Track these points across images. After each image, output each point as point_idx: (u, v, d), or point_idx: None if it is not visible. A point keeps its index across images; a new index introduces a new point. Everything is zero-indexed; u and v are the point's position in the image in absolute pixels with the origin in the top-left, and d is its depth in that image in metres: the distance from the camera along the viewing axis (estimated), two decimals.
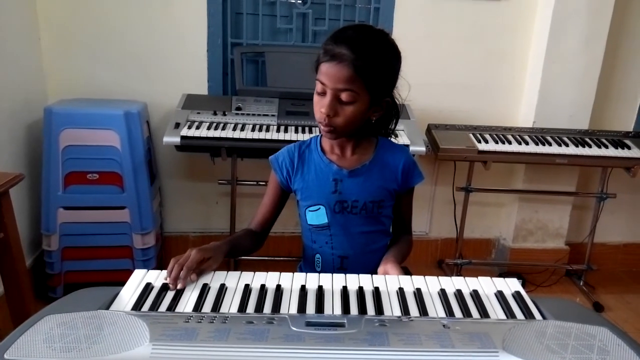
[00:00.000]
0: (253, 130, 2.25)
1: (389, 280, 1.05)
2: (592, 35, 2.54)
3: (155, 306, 0.93)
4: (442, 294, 1.00)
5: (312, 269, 1.39)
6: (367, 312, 0.93)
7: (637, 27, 2.69)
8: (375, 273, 1.20)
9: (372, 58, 1.15)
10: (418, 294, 1.00)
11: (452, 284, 1.04)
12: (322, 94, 1.18)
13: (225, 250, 1.20)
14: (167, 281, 1.01)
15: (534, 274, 2.79)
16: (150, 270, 1.06)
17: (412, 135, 2.31)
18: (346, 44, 1.13)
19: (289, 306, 0.95)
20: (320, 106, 1.19)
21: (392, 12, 2.58)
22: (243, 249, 1.32)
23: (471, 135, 2.47)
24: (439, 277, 1.06)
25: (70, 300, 0.92)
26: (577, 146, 2.42)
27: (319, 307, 0.94)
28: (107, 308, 0.90)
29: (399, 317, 0.90)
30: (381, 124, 1.35)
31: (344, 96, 1.16)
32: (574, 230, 2.92)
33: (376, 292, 1.00)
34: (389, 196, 1.33)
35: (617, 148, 2.44)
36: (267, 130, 2.26)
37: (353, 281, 1.04)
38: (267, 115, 2.36)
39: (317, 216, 1.32)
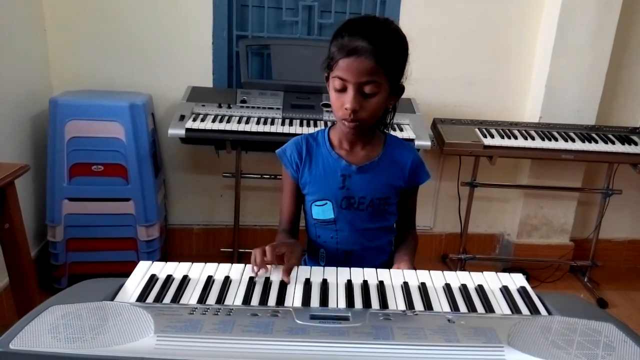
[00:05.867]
0: (258, 123, 2.24)
1: (393, 275, 1.05)
2: (600, 30, 2.52)
3: (160, 298, 0.93)
4: (447, 288, 1.00)
5: (317, 263, 1.39)
6: (371, 305, 0.93)
7: None
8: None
9: (389, 46, 1.14)
10: (423, 288, 1.00)
11: (457, 278, 1.04)
12: (342, 90, 1.16)
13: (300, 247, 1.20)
14: (254, 270, 1.04)
15: (538, 269, 2.78)
16: (155, 262, 1.06)
17: (418, 130, 2.30)
18: (362, 36, 1.12)
19: (294, 299, 0.95)
20: (341, 103, 1.17)
21: (399, 5, 2.57)
22: None
23: (477, 130, 2.45)
24: (444, 272, 1.06)
25: (75, 291, 0.92)
26: (583, 142, 2.40)
27: (324, 301, 0.94)
28: (112, 299, 0.90)
29: (403, 311, 0.90)
30: (383, 116, 1.33)
31: (367, 89, 1.15)
32: (579, 226, 2.91)
33: (381, 286, 1.00)
34: (395, 193, 1.33)
35: (623, 144, 2.42)
36: (272, 123, 2.26)
37: (357, 275, 1.04)
38: (272, 108, 2.35)
39: (323, 211, 1.32)
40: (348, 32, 1.14)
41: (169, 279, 1.00)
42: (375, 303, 0.94)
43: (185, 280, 1.00)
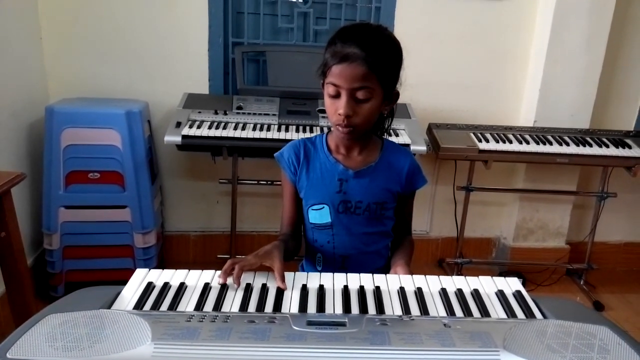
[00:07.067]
0: (254, 129, 2.25)
1: (390, 280, 1.06)
2: (593, 35, 2.54)
3: (156, 305, 0.93)
4: (443, 293, 1.00)
5: (314, 267, 1.39)
6: (368, 311, 0.93)
7: (638, 26, 2.68)
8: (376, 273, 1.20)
9: (381, 51, 1.15)
10: (419, 293, 1.00)
11: (453, 283, 1.04)
12: (336, 96, 1.18)
13: (281, 252, 1.16)
14: (220, 278, 1.03)
15: (535, 273, 2.79)
16: (151, 270, 1.06)
17: (413, 135, 2.31)
18: (355, 43, 1.13)
19: (290, 305, 0.95)
20: (335, 108, 1.18)
21: (394, 12, 2.58)
22: (291, 250, 1.32)
23: (472, 134, 2.47)
24: (440, 277, 1.06)
25: (72, 299, 0.92)
26: (578, 145, 2.42)
27: (320, 307, 0.94)
28: (109, 307, 0.90)
29: (400, 316, 0.90)
30: (379, 122, 1.35)
31: (360, 94, 1.16)
32: (575, 230, 2.92)
33: (377, 291, 1.00)
34: (392, 198, 1.33)
35: (617, 147, 2.44)
36: (268, 129, 2.26)
37: (354, 280, 1.04)
38: (268, 114, 2.36)
39: (320, 215, 1.32)
40: (341, 39, 1.16)
41: (165, 286, 1.00)
42: (371, 308, 0.94)
43: (182, 287, 1.00)
